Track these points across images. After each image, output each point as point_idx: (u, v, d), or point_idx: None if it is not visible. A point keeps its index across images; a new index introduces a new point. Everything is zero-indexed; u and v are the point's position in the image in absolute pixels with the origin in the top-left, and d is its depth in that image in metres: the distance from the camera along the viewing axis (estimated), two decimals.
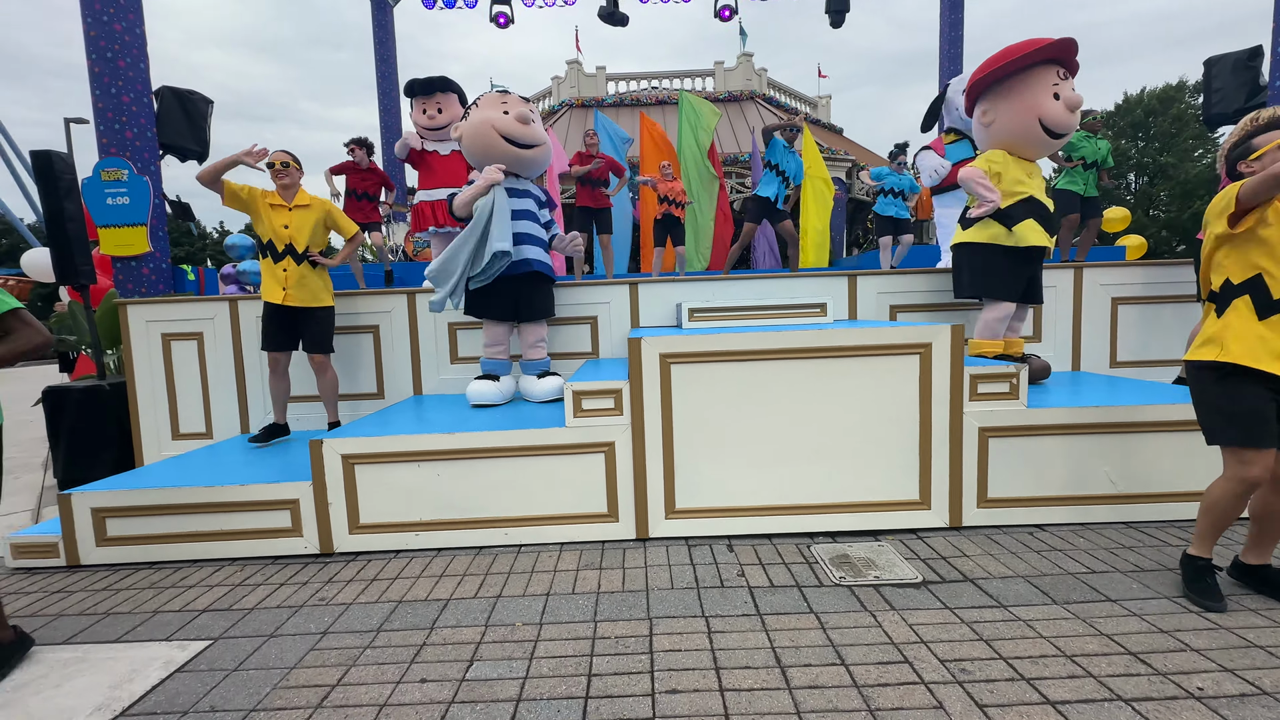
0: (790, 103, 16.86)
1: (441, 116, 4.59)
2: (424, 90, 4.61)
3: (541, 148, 3.44)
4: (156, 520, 2.74)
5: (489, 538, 2.71)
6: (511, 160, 3.38)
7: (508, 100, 3.42)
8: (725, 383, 2.62)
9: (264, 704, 1.68)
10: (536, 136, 3.40)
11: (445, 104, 4.60)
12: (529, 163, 3.43)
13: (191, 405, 3.96)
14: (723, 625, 1.98)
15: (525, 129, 3.33)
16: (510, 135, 3.32)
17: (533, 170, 3.52)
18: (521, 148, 3.35)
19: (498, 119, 3.33)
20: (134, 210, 4.96)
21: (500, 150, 3.34)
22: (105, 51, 4.78)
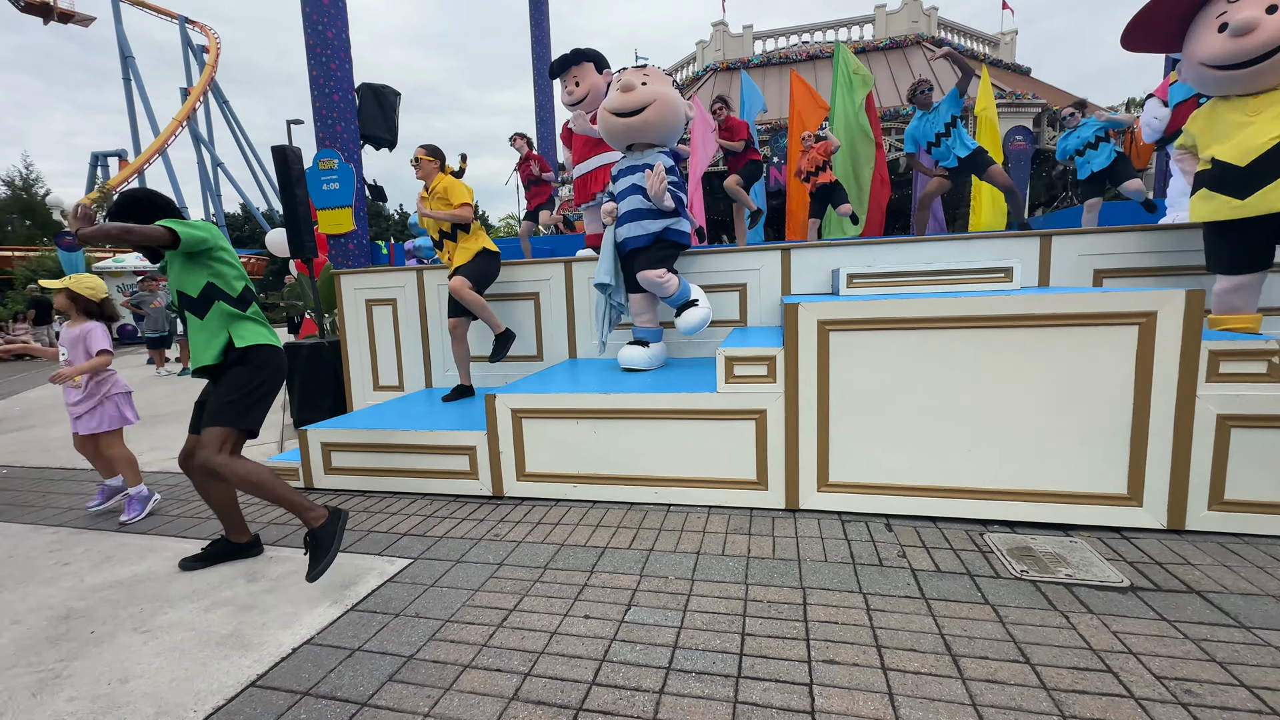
0: (965, 44, 14.88)
1: (579, 89, 4.49)
2: (560, 69, 4.57)
3: (653, 108, 3.28)
4: (367, 455, 3.24)
5: (640, 494, 2.83)
6: (626, 134, 3.39)
7: (621, 75, 3.43)
8: (891, 353, 2.44)
9: (456, 617, 1.94)
10: (643, 99, 3.27)
11: (581, 75, 4.48)
12: (641, 130, 3.34)
13: (388, 361, 4.59)
14: (882, 604, 1.89)
15: (627, 97, 3.28)
16: (614, 109, 3.33)
17: (651, 135, 3.37)
18: (631, 115, 3.31)
19: (608, 99, 3.40)
20: (342, 194, 5.79)
21: (617, 129, 3.39)
22: (320, 56, 5.57)
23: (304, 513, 2.19)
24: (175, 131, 34.01)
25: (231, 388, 2.24)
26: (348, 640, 1.83)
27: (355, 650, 1.78)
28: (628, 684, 1.57)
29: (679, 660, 1.65)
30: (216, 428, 2.20)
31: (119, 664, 1.77)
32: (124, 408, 3.13)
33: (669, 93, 3.36)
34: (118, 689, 1.66)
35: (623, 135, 3.42)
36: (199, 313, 2.24)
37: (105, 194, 27.23)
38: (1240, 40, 2.39)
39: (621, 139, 3.47)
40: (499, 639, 1.80)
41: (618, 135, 3.45)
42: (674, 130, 3.43)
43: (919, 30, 14.36)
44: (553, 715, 1.47)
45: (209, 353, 2.24)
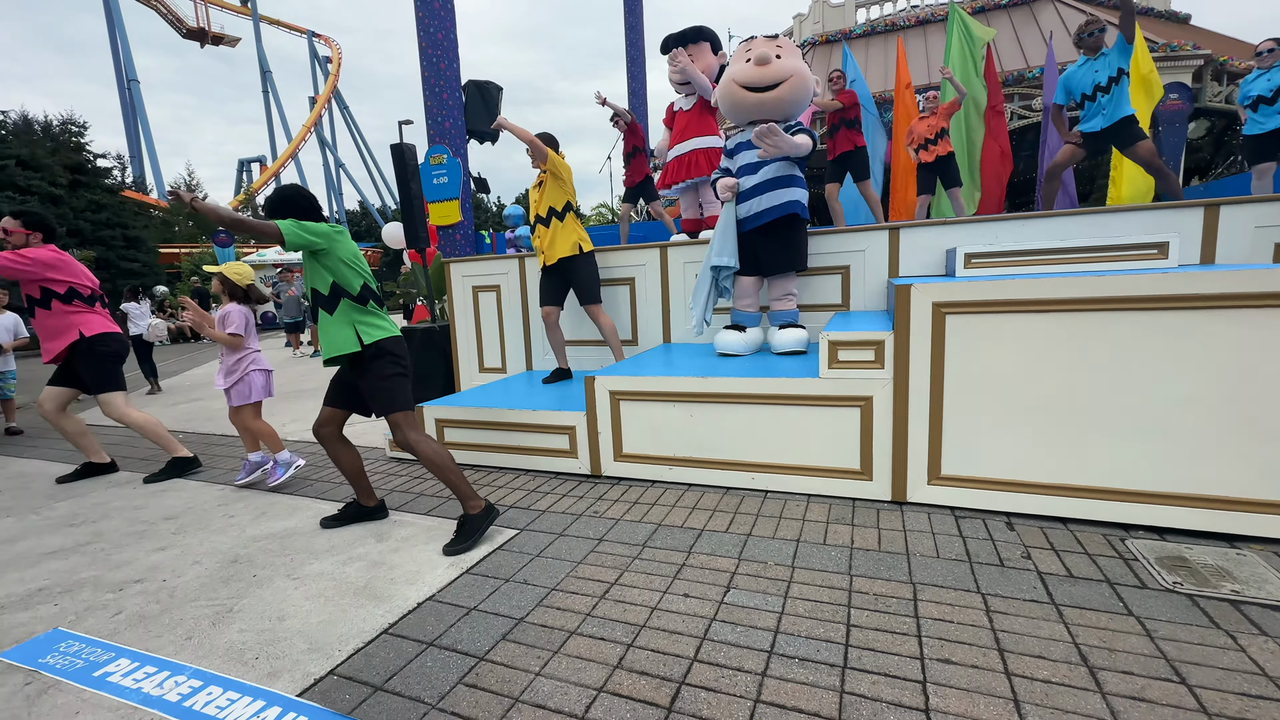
0: None
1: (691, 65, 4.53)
2: (676, 44, 4.62)
3: (787, 84, 3.18)
4: (474, 432, 3.45)
5: (736, 479, 2.81)
6: (755, 110, 3.27)
7: (751, 45, 3.31)
8: (1018, 338, 2.24)
9: (561, 586, 2.03)
10: (777, 74, 3.17)
11: (697, 54, 4.54)
12: (772, 106, 3.24)
13: (492, 344, 4.85)
14: (1004, 606, 1.76)
15: (762, 71, 3.17)
16: (747, 83, 3.21)
17: (779, 112, 3.28)
18: (763, 91, 3.19)
19: (736, 70, 3.26)
20: (450, 187, 6.14)
21: (745, 103, 3.27)
22: (431, 57, 5.91)
23: (466, 499, 2.43)
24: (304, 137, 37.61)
25: (381, 381, 2.45)
26: (464, 600, 1.98)
27: (471, 609, 1.91)
28: (729, 664, 1.57)
29: (781, 645, 1.64)
30: (396, 414, 2.44)
31: (276, 604, 2.02)
32: (263, 383, 3.46)
33: (803, 68, 3.24)
34: (276, 625, 1.89)
35: (751, 111, 3.30)
36: (329, 308, 2.45)
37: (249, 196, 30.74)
38: None
39: (747, 115, 3.34)
40: (602, 610, 1.87)
41: (745, 110, 3.32)
42: (801, 107, 3.32)
43: None
44: (656, 686, 1.50)
45: (337, 346, 2.44)
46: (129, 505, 3.17)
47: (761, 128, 3.09)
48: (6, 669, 1.75)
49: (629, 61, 10.33)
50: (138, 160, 33.46)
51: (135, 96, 33.87)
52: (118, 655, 1.78)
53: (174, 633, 1.89)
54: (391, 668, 1.64)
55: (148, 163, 33.60)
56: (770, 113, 3.27)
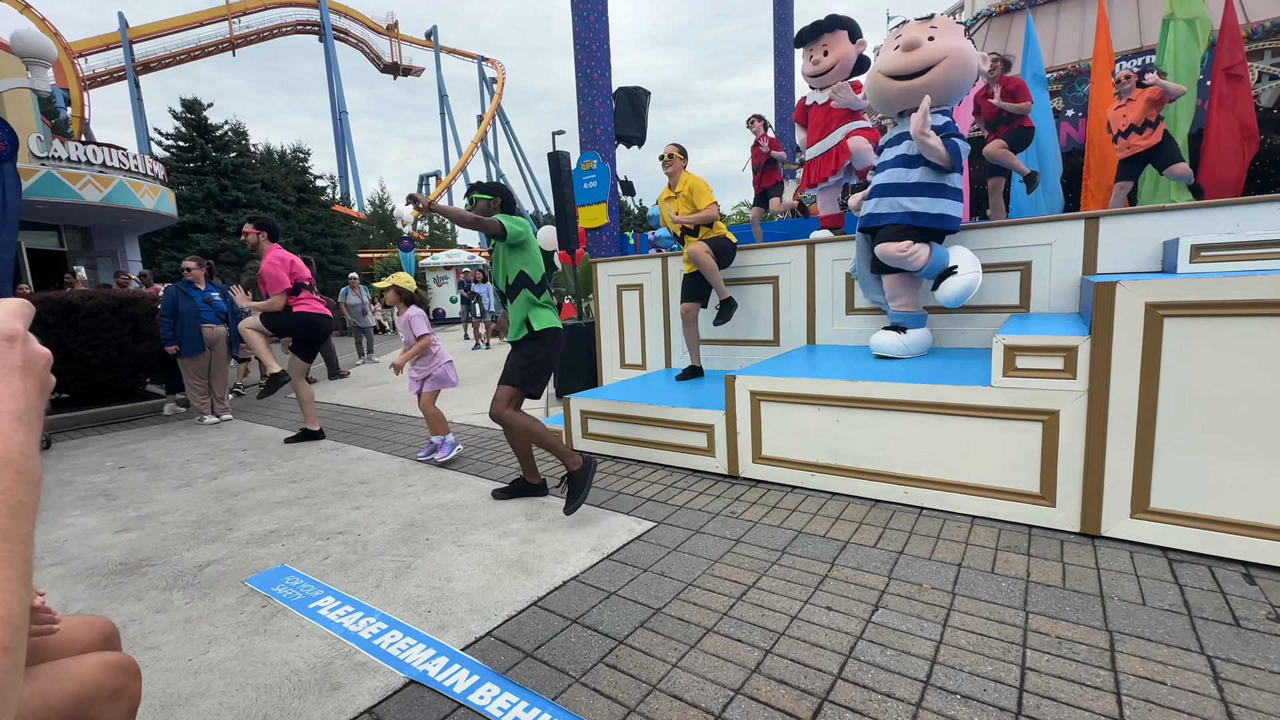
0: None
1: (827, 59, 4.17)
2: (811, 36, 4.25)
3: (940, 67, 2.87)
4: (615, 425, 3.58)
5: (886, 492, 2.61)
6: (901, 98, 3.02)
7: (902, 30, 3.03)
8: (1261, 347, 1.81)
9: (698, 582, 2.03)
10: (928, 57, 2.88)
11: (832, 44, 4.14)
12: (920, 95, 2.92)
13: (633, 341, 5.00)
14: (1240, 675, 1.43)
15: (908, 58, 2.91)
16: (893, 71, 2.96)
17: (937, 96, 2.94)
18: (909, 78, 2.93)
19: (882, 60, 3.03)
20: (599, 191, 6.44)
21: (891, 92, 3.04)
22: (586, 69, 6.24)
23: (566, 458, 2.65)
24: (472, 152, 41.78)
25: (524, 358, 2.76)
26: (605, 583, 2.06)
27: (612, 594, 1.99)
28: (878, 687, 1.46)
29: (939, 677, 1.49)
30: (506, 386, 2.73)
31: (445, 566, 2.27)
32: (449, 373, 3.86)
33: (962, 46, 2.92)
34: (444, 585, 2.12)
35: (898, 101, 3.07)
36: (511, 297, 2.79)
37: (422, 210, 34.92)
38: None
39: (895, 105, 3.11)
40: (738, 611, 1.84)
41: (893, 101, 3.10)
42: (961, 91, 3.00)
43: None
44: (797, 698, 1.45)
45: (514, 330, 2.80)
46: (334, 469, 3.76)
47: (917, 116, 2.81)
48: (250, 592, 2.16)
49: (776, 55, 10.08)
50: (344, 179, 39.57)
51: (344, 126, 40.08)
52: (325, 593, 2.11)
53: (366, 580, 2.20)
54: (540, 637, 1.76)
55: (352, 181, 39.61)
56: (918, 100, 2.95)
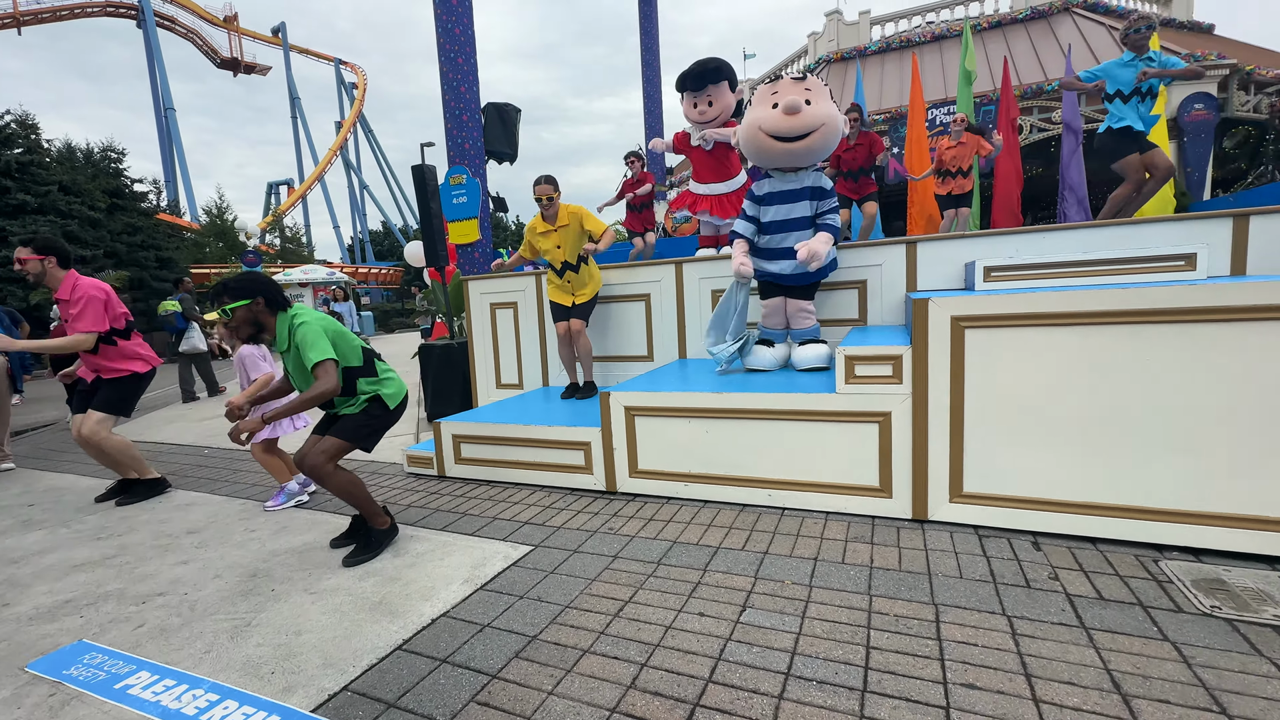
0: (1124, 4, 13.09)
1: (712, 110, 4.36)
2: (695, 85, 4.37)
3: (818, 133, 3.07)
4: (490, 448, 3.46)
5: (752, 496, 2.77)
6: (783, 158, 3.16)
7: (779, 89, 3.16)
8: (1041, 352, 2.19)
9: (575, 604, 2.01)
10: (809, 122, 3.04)
11: (716, 95, 4.34)
12: (803, 155, 3.14)
13: (509, 360, 4.89)
14: (1032, 630, 1.70)
15: (793, 120, 3.03)
16: (776, 132, 3.08)
17: (811, 159, 3.20)
18: (794, 140, 3.08)
19: (764, 117, 3.11)
20: (470, 206, 6.25)
21: (773, 152, 3.14)
22: (452, 81, 6.07)
23: (374, 517, 2.57)
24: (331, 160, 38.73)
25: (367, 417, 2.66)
26: (479, 616, 1.97)
27: (485, 626, 1.91)
28: (745, 685, 1.54)
29: (798, 667, 1.60)
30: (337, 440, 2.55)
31: (294, 618, 2.04)
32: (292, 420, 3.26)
33: (834, 112, 3.11)
34: (293, 640, 1.90)
35: (779, 159, 3.20)
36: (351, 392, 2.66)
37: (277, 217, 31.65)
38: None
39: (775, 162, 3.24)
40: (616, 628, 1.85)
41: (773, 159, 3.21)
42: (830, 150, 3.25)
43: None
44: (670, 708, 1.48)
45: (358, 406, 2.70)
46: (154, 519, 3.24)
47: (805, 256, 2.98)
48: (31, 680, 1.78)
49: (645, 81, 10.49)
50: (172, 184, 34.71)
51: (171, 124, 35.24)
52: (139, 668, 1.80)
53: (194, 645, 1.91)
54: (405, 684, 1.64)
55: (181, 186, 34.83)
56: (799, 160, 3.18)
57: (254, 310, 2.53)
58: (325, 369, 2.43)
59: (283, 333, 2.55)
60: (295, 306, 2.58)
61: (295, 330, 2.50)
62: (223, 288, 2.52)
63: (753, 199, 3.38)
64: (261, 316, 2.55)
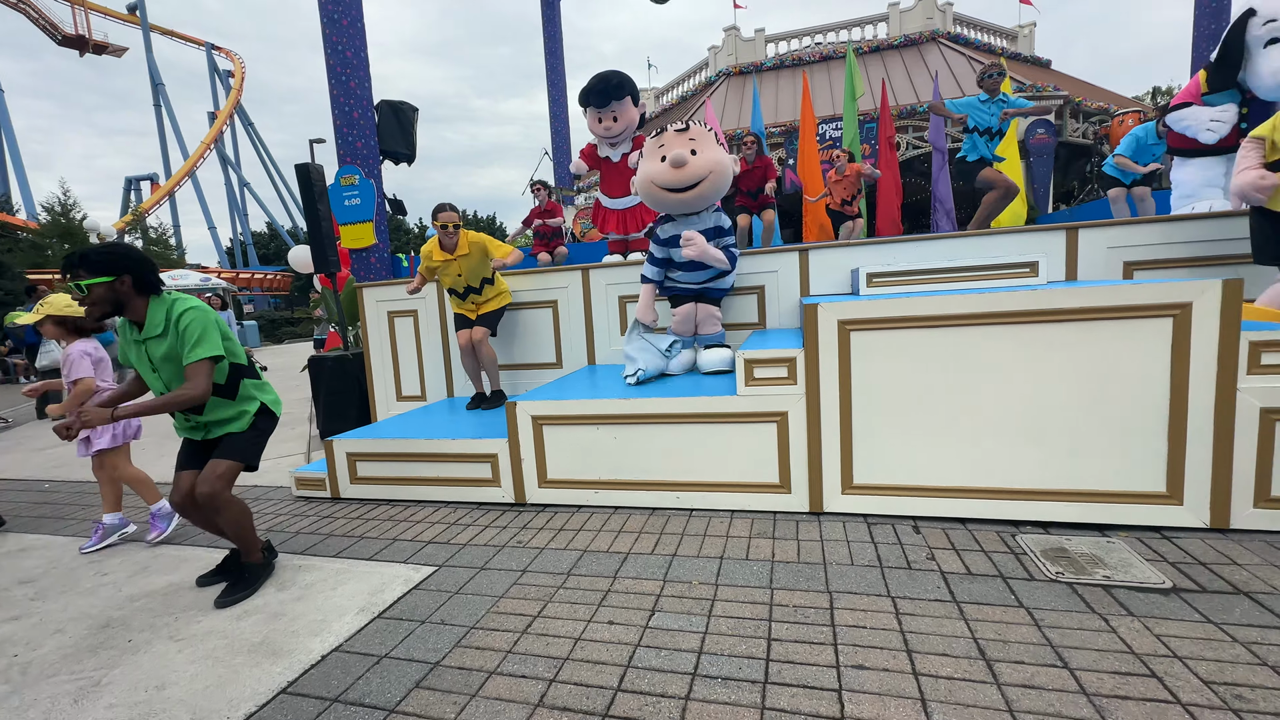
0: (981, 38, 14.69)
1: (617, 125, 4.42)
2: (599, 102, 4.40)
3: (707, 181, 3.17)
4: (390, 465, 3.28)
5: (661, 500, 2.81)
6: (677, 207, 3.29)
7: (664, 142, 3.26)
8: (915, 351, 2.40)
9: (481, 624, 1.94)
10: (696, 173, 3.15)
11: (620, 111, 4.40)
12: (695, 203, 3.26)
13: (410, 371, 4.65)
14: (912, 608, 1.85)
15: (677, 174, 3.14)
16: (667, 184, 3.19)
17: (705, 204, 3.32)
18: (684, 190, 3.19)
19: (654, 172, 3.21)
20: (363, 209, 5.89)
21: (667, 202, 3.26)
22: (341, 76, 5.70)
23: (253, 550, 2.37)
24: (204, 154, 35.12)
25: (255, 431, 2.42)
26: (376, 647, 1.85)
27: (383, 657, 1.79)
28: (653, 690, 1.55)
29: (705, 666, 1.64)
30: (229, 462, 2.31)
31: (156, 672, 1.81)
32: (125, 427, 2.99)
33: (720, 158, 3.21)
34: (155, 696, 1.69)
35: (674, 208, 3.31)
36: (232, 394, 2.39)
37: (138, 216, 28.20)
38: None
39: (673, 210, 3.35)
40: (524, 645, 1.80)
41: (668, 207, 3.33)
42: (724, 192, 3.36)
43: (934, 26, 14.21)
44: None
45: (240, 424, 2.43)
46: None
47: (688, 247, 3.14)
48: None
49: (550, 85, 10.40)
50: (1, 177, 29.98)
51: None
52: None
53: (26, 716, 1.65)
54: None
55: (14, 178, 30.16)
56: (693, 207, 3.29)
57: (117, 290, 2.12)
58: (203, 370, 2.14)
59: (156, 319, 2.16)
60: (174, 293, 2.25)
61: (180, 319, 2.15)
62: (80, 259, 2.08)
63: (659, 242, 3.47)
64: (126, 298, 2.15)
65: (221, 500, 2.24)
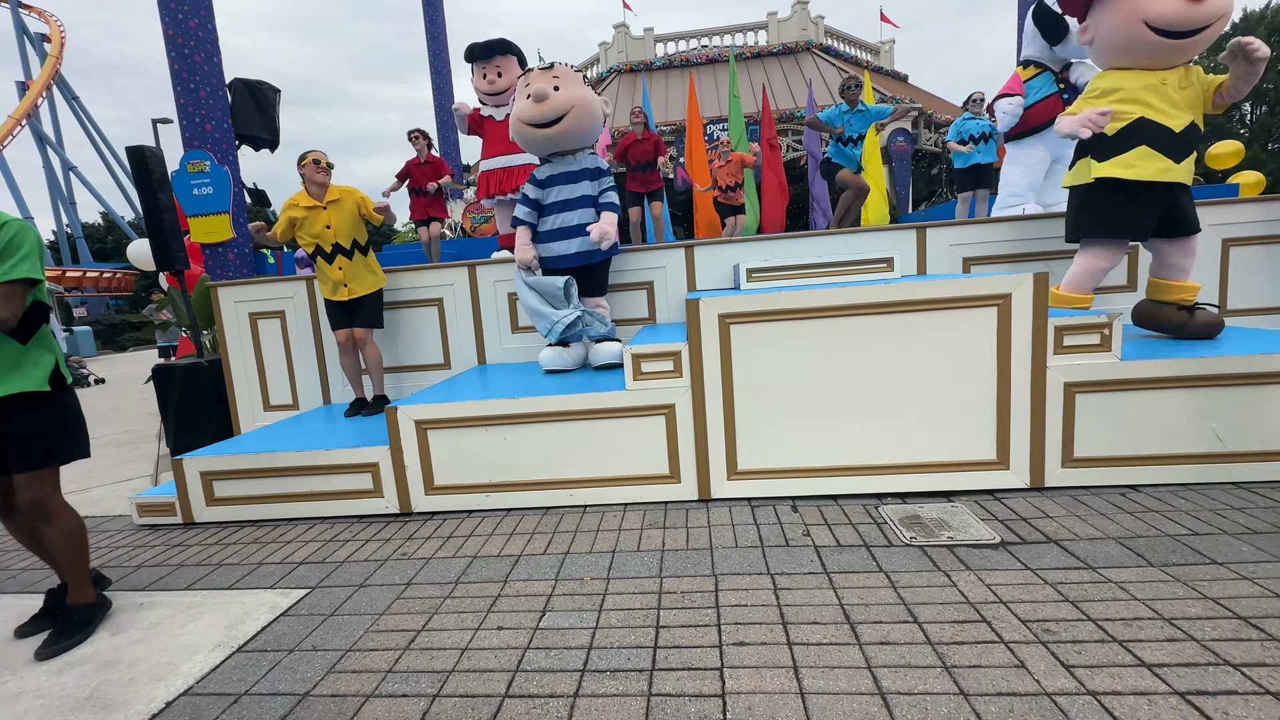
0: (848, 50, 15.91)
1: (501, 80, 4.44)
2: (483, 54, 4.45)
3: (571, 114, 3.19)
4: (255, 482, 2.98)
5: (555, 498, 2.79)
6: (546, 144, 3.29)
7: (529, 79, 3.27)
8: (788, 342, 2.56)
9: (358, 645, 1.82)
10: (559, 107, 3.16)
11: (505, 67, 4.44)
12: (562, 139, 3.26)
13: (279, 378, 4.26)
14: (789, 583, 1.98)
15: (540, 107, 3.14)
16: (529, 120, 3.20)
17: (574, 142, 3.32)
18: (549, 126, 3.20)
19: (519, 108, 3.24)
20: (217, 199, 5.29)
21: (534, 139, 3.28)
22: (184, 49, 5.06)
23: (82, 585, 2.07)
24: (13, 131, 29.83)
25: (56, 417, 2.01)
26: (233, 685, 1.68)
27: (241, 695, 1.63)
28: (541, 692, 1.54)
29: (594, 661, 1.65)
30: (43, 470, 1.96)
31: None
32: None
33: (585, 94, 3.24)
34: None
35: (542, 146, 3.32)
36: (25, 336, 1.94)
37: None
38: (1195, 6, 2.40)
39: (541, 149, 3.36)
40: (406, 662, 1.71)
41: (538, 145, 3.33)
42: (595, 132, 3.37)
43: (809, 38, 15.19)
44: None
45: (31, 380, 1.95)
46: None
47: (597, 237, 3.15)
48: None
49: (433, 73, 9.92)
50: None
51: None
52: None
53: None
54: None
55: None
56: (562, 144, 3.30)
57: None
58: (16, 294, 1.81)
59: None
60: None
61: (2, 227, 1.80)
62: None
63: (535, 183, 3.45)
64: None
65: (52, 507, 1.94)
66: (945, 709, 1.36)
